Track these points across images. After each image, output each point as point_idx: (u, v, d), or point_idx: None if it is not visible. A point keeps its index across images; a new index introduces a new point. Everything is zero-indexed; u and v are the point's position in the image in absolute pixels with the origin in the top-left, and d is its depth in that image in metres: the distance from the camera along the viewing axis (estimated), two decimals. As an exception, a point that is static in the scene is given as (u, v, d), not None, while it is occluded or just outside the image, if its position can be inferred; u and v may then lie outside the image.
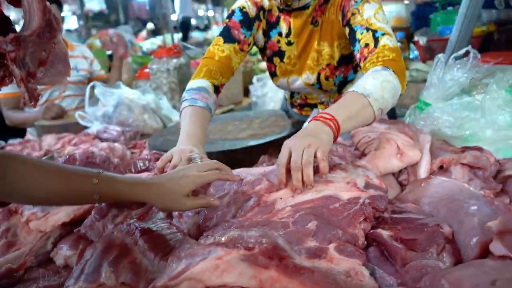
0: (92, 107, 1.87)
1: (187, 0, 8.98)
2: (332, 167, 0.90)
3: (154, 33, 11.65)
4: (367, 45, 1.10)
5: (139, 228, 0.75)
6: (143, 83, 2.39)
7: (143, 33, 11.60)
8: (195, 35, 6.92)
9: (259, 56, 3.45)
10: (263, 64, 3.37)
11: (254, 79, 2.77)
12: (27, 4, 0.81)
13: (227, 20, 1.35)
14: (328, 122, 0.90)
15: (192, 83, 1.24)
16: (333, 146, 1.11)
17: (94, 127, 1.80)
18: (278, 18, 1.33)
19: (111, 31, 7.87)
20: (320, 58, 1.32)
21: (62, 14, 10.71)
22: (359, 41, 1.12)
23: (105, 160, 1.06)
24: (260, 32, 1.37)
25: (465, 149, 1.01)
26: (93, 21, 15.24)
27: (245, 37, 1.32)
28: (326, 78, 1.34)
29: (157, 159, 1.16)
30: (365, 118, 0.96)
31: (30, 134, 2.52)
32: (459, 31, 1.54)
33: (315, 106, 1.51)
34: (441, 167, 1.00)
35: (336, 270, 0.62)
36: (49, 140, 1.73)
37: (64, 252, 0.81)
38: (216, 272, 0.60)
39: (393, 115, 1.63)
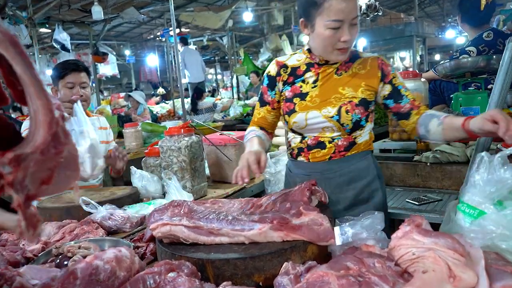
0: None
1: (199, 67, 9.24)
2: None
3: (164, 97, 11.92)
4: (415, 99, 1.59)
5: None
6: (153, 160, 2.29)
7: (156, 98, 11.85)
8: (205, 100, 6.97)
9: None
10: (277, 140, 3.30)
11: (267, 155, 2.68)
12: (33, 114, 0.71)
13: (262, 85, 1.76)
14: None
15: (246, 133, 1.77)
16: (370, 261, 0.97)
17: (99, 214, 1.67)
18: (307, 71, 1.65)
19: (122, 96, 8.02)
20: (342, 97, 1.59)
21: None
22: (407, 96, 1.59)
23: (110, 277, 0.92)
24: (280, 83, 1.70)
25: (528, 271, 0.86)
26: (104, 84, 15.76)
27: (272, 98, 1.73)
28: (347, 112, 1.57)
29: (170, 270, 1.02)
30: None
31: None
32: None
33: (323, 145, 1.64)
34: (502, 294, 0.84)
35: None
36: (48, 229, 1.60)
37: None
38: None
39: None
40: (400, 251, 0.94)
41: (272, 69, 1.72)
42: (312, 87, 1.63)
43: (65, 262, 1.28)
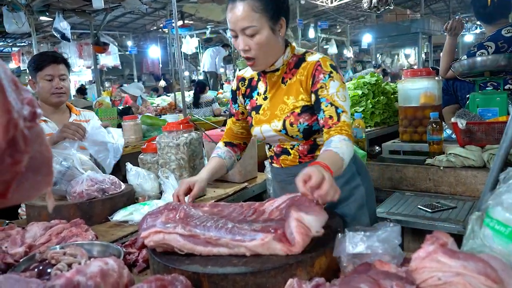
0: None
1: (214, 60, 9.40)
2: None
3: (165, 90, 11.77)
4: (331, 117, 1.43)
5: None
6: (150, 157, 2.18)
7: (160, 91, 11.72)
8: (206, 94, 6.85)
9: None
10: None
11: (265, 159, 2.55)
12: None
13: None
14: (327, 170, 1.18)
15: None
16: (387, 283, 0.86)
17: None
18: (258, 81, 1.66)
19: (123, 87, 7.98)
20: (286, 108, 1.54)
21: (77, 68, 10.72)
22: (324, 111, 1.45)
23: (91, 296, 0.81)
24: (240, 97, 1.72)
25: None
26: (106, 75, 15.60)
27: (235, 109, 1.75)
28: (291, 124, 1.52)
29: (162, 286, 0.91)
30: (339, 172, 1.31)
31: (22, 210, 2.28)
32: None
33: (287, 152, 1.62)
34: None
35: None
36: (34, 230, 1.48)
37: None
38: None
39: None
40: (423, 275, 0.83)
41: (233, 84, 1.76)
42: (264, 99, 1.61)
43: (48, 270, 1.16)
